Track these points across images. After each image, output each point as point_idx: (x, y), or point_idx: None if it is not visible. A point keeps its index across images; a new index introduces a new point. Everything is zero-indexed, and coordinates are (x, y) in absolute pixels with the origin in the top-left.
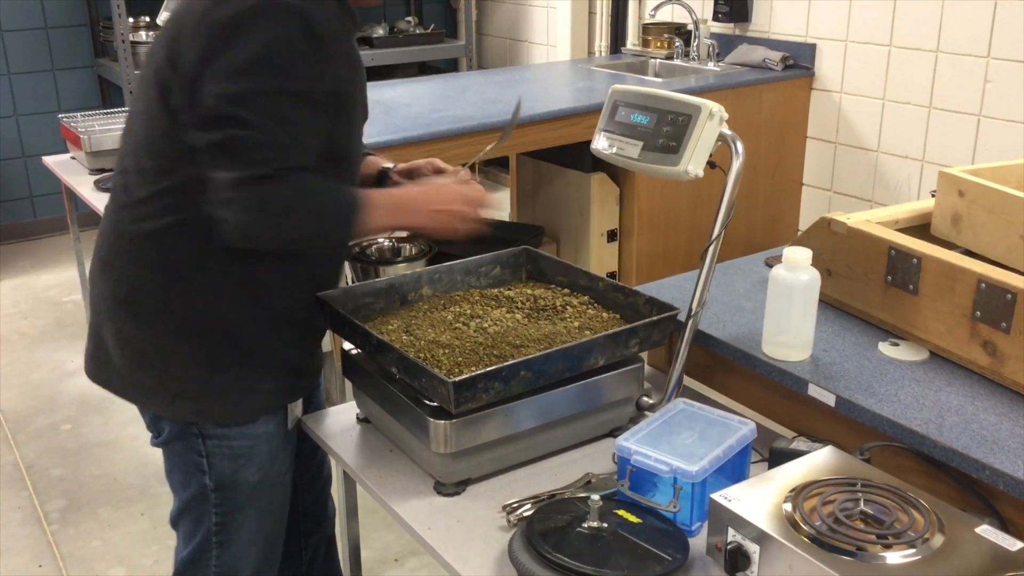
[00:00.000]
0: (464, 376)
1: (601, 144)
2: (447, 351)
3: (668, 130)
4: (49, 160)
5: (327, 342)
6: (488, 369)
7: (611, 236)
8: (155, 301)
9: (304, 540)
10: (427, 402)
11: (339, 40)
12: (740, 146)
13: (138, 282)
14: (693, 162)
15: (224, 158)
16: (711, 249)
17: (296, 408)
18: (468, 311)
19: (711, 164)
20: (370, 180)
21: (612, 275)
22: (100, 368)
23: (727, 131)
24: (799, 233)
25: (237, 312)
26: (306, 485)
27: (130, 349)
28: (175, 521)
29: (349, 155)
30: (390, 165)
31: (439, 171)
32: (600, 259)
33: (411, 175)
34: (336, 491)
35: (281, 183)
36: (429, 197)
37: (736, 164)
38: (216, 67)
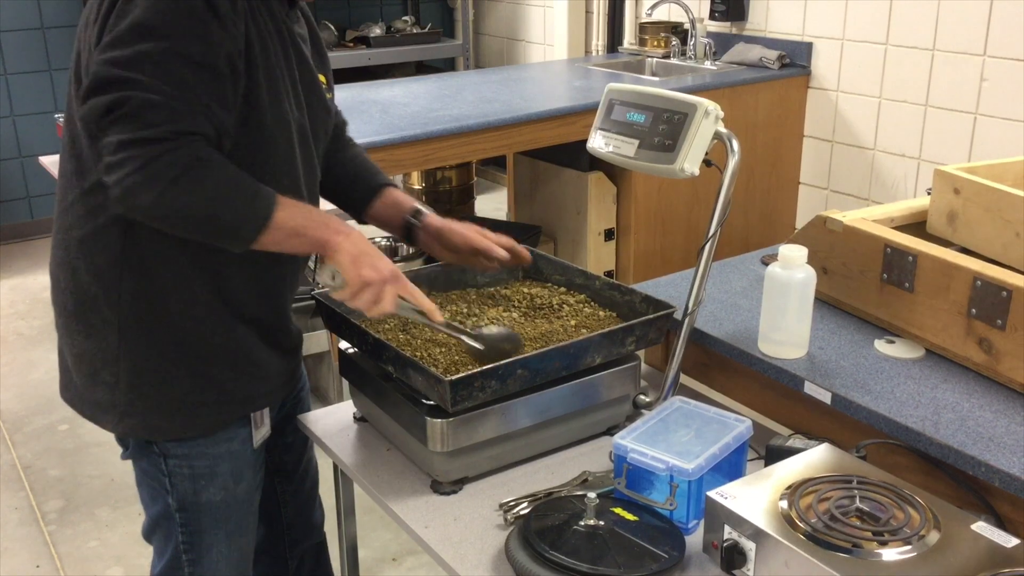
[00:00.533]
0: (461, 375)
1: (597, 143)
2: (444, 350)
3: (664, 128)
4: (46, 160)
5: (323, 342)
6: (485, 368)
7: (608, 235)
8: (96, 311)
9: (289, 551)
10: (424, 401)
11: (240, 12)
12: (736, 144)
13: (79, 293)
14: (689, 160)
15: (113, 121)
16: (707, 247)
17: (262, 423)
18: (465, 310)
19: (707, 162)
20: (394, 223)
21: (609, 274)
22: (64, 387)
23: (723, 129)
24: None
25: (179, 314)
26: (288, 498)
27: (84, 364)
28: (147, 535)
29: (282, 138)
30: (423, 209)
31: (478, 250)
32: (597, 258)
33: (443, 237)
34: (332, 491)
35: (173, 147)
36: (369, 246)
37: (732, 162)
38: (106, 40)
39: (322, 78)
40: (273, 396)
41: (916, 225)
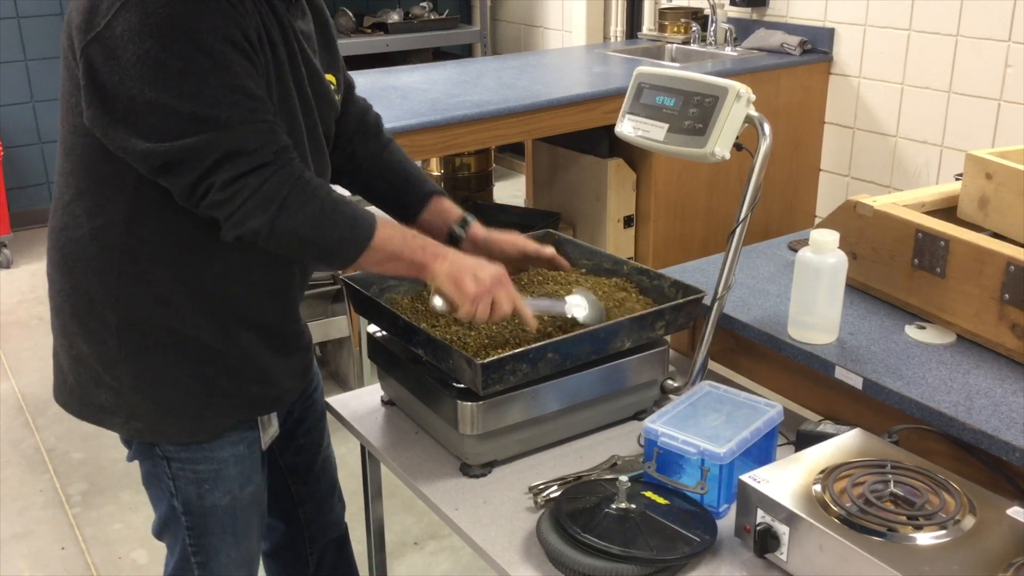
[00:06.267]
0: (492, 358)
1: (626, 128)
2: (474, 333)
3: (695, 112)
4: None
5: (343, 327)
6: (515, 351)
7: (628, 222)
8: (93, 314)
9: (309, 547)
10: (454, 384)
11: (248, 8)
12: (767, 127)
13: (76, 295)
14: (720, 144)
15: (216, 164)
16: (738, 230)
17: (270, 424)
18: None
19: (738, 146)
20: (439, 231)
21: None
22: (58, 389)
23: (754, 112)
24: (817, 219)
25: (181, 318)
26: (305, 498)
27: (83, 367)
28: (157, 534)
29: (293, 134)
30: (469, 219)
31: (527, 254)
32: (617, 245)
33: (490, 245)
34: (358, 474)
35: (277, 167)
36: (465, 260)
37: (764, 145)
38: (153, 71)
39: (331, 78)
40: (281, 401)
41: (946, 211)
